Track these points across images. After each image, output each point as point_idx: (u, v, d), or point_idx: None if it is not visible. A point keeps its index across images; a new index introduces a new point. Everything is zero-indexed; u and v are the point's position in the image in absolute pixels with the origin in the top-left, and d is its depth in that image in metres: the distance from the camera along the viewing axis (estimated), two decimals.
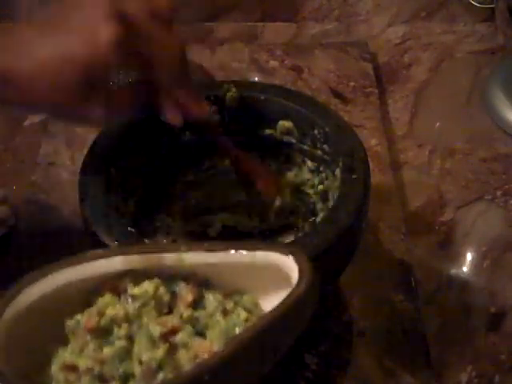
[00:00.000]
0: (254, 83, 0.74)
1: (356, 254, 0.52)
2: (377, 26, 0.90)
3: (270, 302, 0.41)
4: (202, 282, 0.41)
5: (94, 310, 0.39)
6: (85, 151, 0.53)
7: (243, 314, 0.40)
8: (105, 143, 0.54)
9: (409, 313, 0.58)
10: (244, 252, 0.40)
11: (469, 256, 0.64)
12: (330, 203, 0.54)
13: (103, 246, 0.47)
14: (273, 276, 0.40)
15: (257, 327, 0.36)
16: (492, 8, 0.87)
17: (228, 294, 0.41)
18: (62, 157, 0.72)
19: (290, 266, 0.38)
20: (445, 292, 0.61)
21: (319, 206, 0.58)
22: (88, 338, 0.38)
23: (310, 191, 0.59)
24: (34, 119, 0.78)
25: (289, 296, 0.37)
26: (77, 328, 0.38)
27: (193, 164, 0.61)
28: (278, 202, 0.57)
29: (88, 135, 0.68)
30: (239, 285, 0.42)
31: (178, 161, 0.59)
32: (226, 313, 0.40)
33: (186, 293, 0.40)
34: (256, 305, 0.41)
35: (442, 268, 0.63)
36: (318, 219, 0.57)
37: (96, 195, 0.50)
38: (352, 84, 0.80)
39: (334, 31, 0.89)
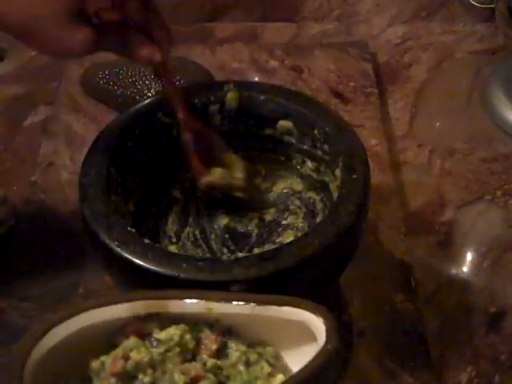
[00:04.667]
0: (254, 83, 0.74)
1: (356, 254, 0.52)
2: (377, 26, 0.90)
3: (292, 356, 0.41)
4: (225, 329, 0.41)
5: (119, 352, 0.39)
6: (85, 151, 0.53)
7: (266, 368, 0.40)
8: (105, 143, 0.54)
9: (409, 313, 0.58)
10: (273, 307, 0.40)
11: (469, 256, 0.64)
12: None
13: (103, 246, 0.47)
14: (297, 331, 0.40)
15: None
16: (492, 8, 0.87)
17: (250, 344, 0.41)
18: (62, 157, 0.72)
19: (317, 325, 0.38)
20: (445, 292, 0.61)
21: (319, 206, 0.58)
22: (112, 381, 0.38)
23: None
24: (34, 119, 0.78)
25: (317, 356, 0.37)
26: (101, 370, 0.38)
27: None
28: (209, 179, 0.56)
29: (88, 135, 0.69)
30: (262, 336, 0.42)
31: (177, 161, 0.59)
32: (248, 364, 0.40)
33: (210, 342, 0.40)
34: (278, 358, 0.41)
35: (442, 268, 0.63)
36: (318, 219, 0.57)
37: (96, 195, 0.50)
38: (352, 84, 0.80)
39: (334, 31, 0.89)
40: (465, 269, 0.63)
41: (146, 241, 0.47)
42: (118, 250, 0.46)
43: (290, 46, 0.86)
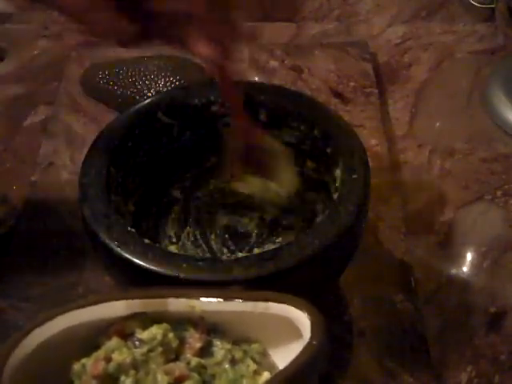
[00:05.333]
0: (254, 83, 0.74)
1: (356, 254, 0.52)
2: (377, 26, 0.90)
3: (278, 353, 0.41)
4: (209, 326, 0.40)
5: (100, 354, 0.38)
6: (85, 151, 0.53)
7: (252, 366, 0.39)
8: (105, 143, 0.54)
9: (409, 313, 0.58)
10: (258, 303, 0.39)
11: (469, 256, 0.64)
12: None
13: (103, 246, 0.47)
14: (283, 327, 0.39)
15: None
16: (492, 8, 0.87)
17: (236, 342, 0.41)
18: (62, 157, 0.72)
19: (302, 320, 0.38)
20: (445, 292, 0.61)
21: (319, 206, 0.58)
22: (94, 383, 0.37)
23: None
24: (34, 119, 0.78)
25: (302, 353, 0.36)
26: (82, 373, 0.38)
27: (192, 164, 0.61)
28: (242, 188, 0.56)
29: (88, 135, 0.69)
30: (247, 333, 0.41)
31: (177, 161, 0.59)
32: (234, 362, 0.39)
33: (194, 340, 0.39)
34: (264, 355, 0.41)
35: (442, 268, 0.63)
36: (318, 219, 0.57)
37: (96, 195, 0.50)
38: (352, 84, 0.80)
39: (334, 31, 0.89)
40: (465, 269, 0.63)
41: (146, 241, 0.47)
42: (118, 249, 0.46)
43: (290, 45, 0.86)
